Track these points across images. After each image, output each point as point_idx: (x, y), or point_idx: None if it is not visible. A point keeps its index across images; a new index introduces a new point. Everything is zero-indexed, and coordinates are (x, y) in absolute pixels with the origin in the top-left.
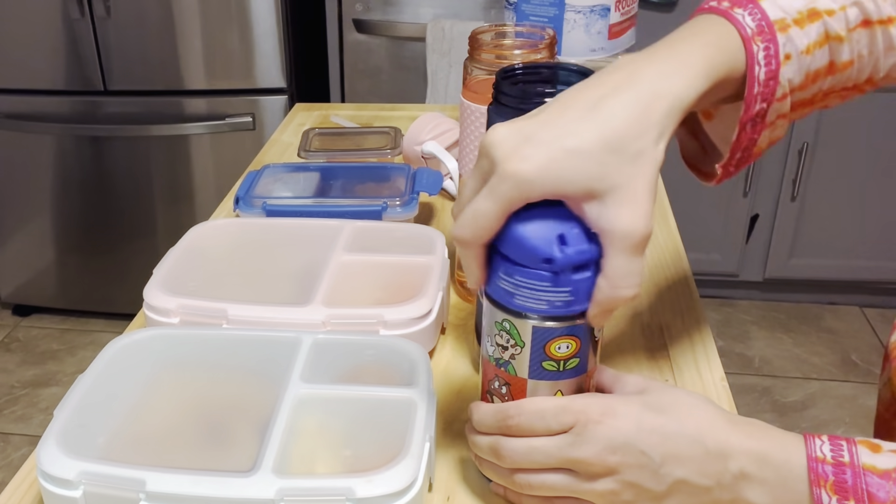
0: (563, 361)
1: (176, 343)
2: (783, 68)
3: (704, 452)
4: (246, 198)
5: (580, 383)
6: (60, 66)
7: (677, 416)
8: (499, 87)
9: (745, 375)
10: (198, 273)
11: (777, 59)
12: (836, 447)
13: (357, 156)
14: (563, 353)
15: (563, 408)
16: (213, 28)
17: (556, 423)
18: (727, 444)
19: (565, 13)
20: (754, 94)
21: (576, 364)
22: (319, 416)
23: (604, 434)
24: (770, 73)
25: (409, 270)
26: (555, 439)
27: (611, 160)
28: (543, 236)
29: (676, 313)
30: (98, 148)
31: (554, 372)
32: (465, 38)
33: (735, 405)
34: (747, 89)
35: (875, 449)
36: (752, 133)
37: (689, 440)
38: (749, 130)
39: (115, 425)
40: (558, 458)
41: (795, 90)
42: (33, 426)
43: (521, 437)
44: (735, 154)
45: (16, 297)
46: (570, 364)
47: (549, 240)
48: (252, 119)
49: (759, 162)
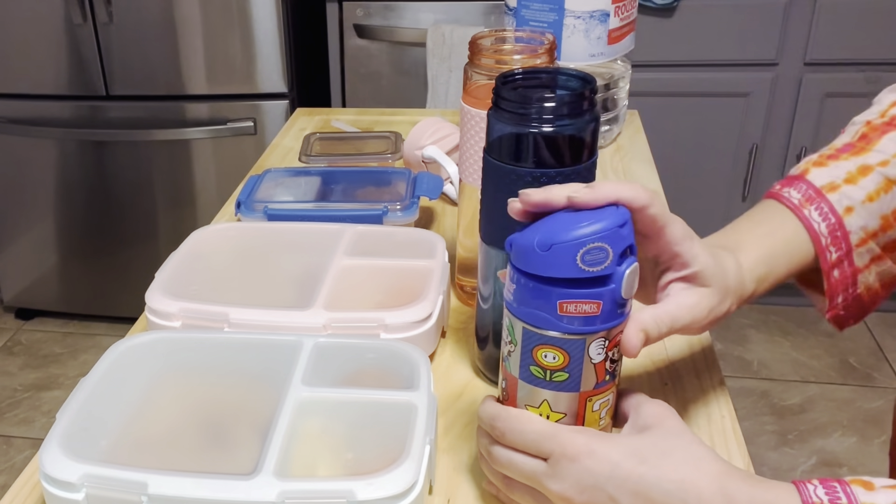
0: (549, 371)
1: (178, 346)
2: (847, 218)
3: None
4: (247, 202)
5: (570, 400)
6: (63, 71)
7: (663, 467)
8: (499, 92)
9: (743, 378)
10: (199, 277)
11: (835, 213)
12: (830, 490)
13: (358, 160)
14: (549, 363)
15: (546, 435)
16: (215, 33)
17: (535, 447)
18: (710, 500)
19: (565, 18)
20: (823, 247)
21: (564, 378)
22: (320, 419)
23: (576, 473)
24: (831, 225)
25: (409, 274)
26: (531, 462)
27: None
28: (536, 242)
29: None
30: (100, 152)
31: (540, 379)
32: (466, 43)
33: (734, 408)
34: (814, 244)
35: (868, 487)
36: (842, 278)
37: (664, 492)
38: (838, 276)
39: (117, 428)
40: (531, 480)
41: (878, 233)
42: (36, 429)
43: (504, 445)
44: (834, 298)
45: (19, 300)
46: (556, 376)
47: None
48: (253, 123)
49: (758, 166)
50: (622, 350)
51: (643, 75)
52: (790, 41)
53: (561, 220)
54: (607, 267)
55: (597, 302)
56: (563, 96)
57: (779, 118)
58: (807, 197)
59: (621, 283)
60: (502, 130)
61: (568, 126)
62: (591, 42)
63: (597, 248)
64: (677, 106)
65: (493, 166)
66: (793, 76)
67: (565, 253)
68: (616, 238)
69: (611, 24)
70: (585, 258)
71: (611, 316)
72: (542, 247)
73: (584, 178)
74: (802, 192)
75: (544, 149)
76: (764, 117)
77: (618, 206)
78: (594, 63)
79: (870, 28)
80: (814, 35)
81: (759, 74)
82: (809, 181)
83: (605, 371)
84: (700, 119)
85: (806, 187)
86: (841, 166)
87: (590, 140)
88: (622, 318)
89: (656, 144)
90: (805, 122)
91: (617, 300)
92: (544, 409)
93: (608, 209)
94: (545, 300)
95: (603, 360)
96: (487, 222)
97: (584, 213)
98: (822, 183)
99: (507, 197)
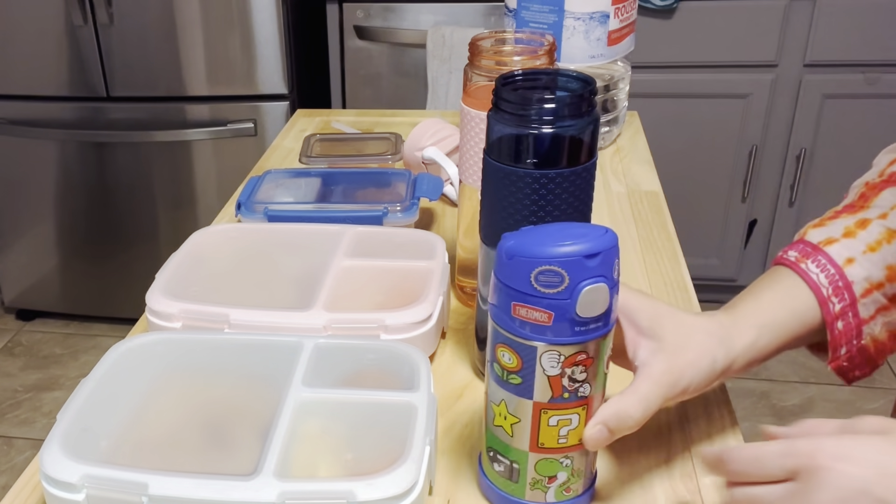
0: (506, 372)
1: (178, 347)
2: (848, 269)
3: None
4: (248, 203)
5: (524, 406)
6: (64, 73)
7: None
8: (499, 93)
9: (743, 380)
10: (200, 278)
11: (835, 265)
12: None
13: (358, 161)
14: (505, 363)
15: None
16: (215, 34)
17: (777, 468)
18: None
19: (565, 20)
20: (825, 297)
21: (518, 382)
22: (321, 419)
23: (835, 481)
24: (831, 276)
25: (409, 275)
26: (777, 489)
27: None
28: (505, 248)
29: None
30: (101, 154)
31: (500, 378)
32: (466, 44)
33: (733, 409)
34: (815, 295)
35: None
36: (846, 329)
37: None
38: (843, 328)
39: (117, 429)
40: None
41: (883, 284)
42: (36, 430)
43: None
44: (837, 350)
45: (19, 301)
46: (512, 378)
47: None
48: (254, 125)
49: (758, 168)
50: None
51: (643, 76)
52: (790, 42)
53: (544, 234)
54: (562, 291)
55: (548, 312)
56: (563, 98)
57: (778, 119)
58: (804, 253)
59: (576, 300)
60: (502, 131)
61: (568, 127)
62: (591, 43)
63: (551, 272)
64: (677, 107)
65: (493, 167)
66: (792, 77)
67: (523, 267)
68: (576, 266)
69: (610, 26)
70: (539, 278)
71: (564, 331)
72: (508, 254)
73: (584, 179)
74: (800, 251)
75: (544, 150)
76: (763, 118)
77: (607, 231)
78: (594, 64)
79: (869, 29)
80: (813, 36)
81: (758, 76)
82: (807, 240)
83: (563, 388)
84: (700, 120)
85: (803, 245)
86: (838, 223)
87: (589, 141)
88: (581, 339)
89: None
90: (805, 123)
91: (571, 316)
92: (503, 409)
93: (600, 233)
94: (504, 300)
95: (559, 376)
96: (488, 223)
97: (574, 231)
98: (820, 239)
99: (507, 198)
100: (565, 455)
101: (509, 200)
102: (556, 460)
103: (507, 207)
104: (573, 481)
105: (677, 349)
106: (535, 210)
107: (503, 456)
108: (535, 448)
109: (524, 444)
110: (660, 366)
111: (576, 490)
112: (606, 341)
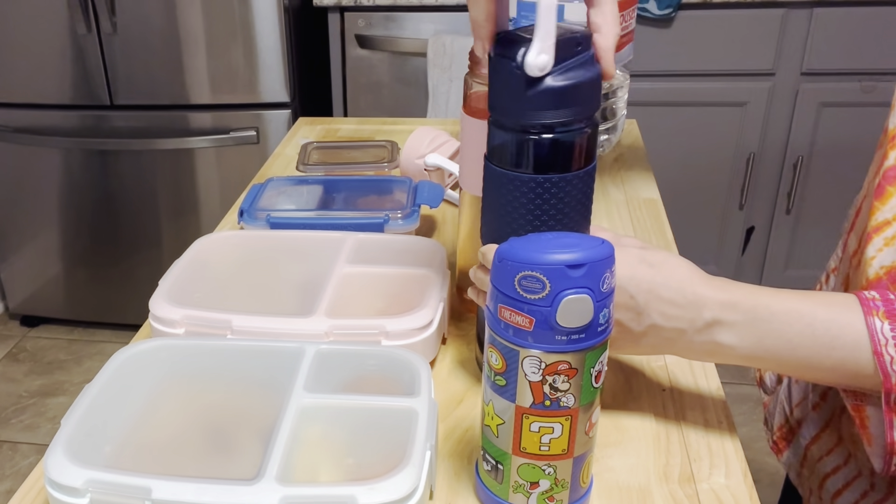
0: (493, 372)
1: (181, 353)
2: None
3: (683, 302)
4: (250, 210)
5: (508, 409)
6: (67, 81)
7: (664, 271)
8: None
9: (741, 385)
10: (203, 284)
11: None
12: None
13: (354, 169)
14: (493, 364)
15: None
16: (218, 43)
17: None
18: (703, 296)
19: None
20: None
21: (503, 384)
22: (322, 425)
23: None
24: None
25: (410, 282)
26: None
27: None
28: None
29: None
30: (104, 161)
31: (489, 378)
32: (466, 53)
33: (731, 414)
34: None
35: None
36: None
37: (671, 291)
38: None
39: (121, 434)
40: None
41: None
42: (41, 435)
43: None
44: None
45: (24, 307)
46: (498, 380)
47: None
48: (256, 133)
49: (755, 175)
50: None
51: (642, 85)
52: (787, 51)
53: (540, 241)
54: (543, 298)
55: (529, 317)
56: None
57: (776, 127)
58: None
59: (556, 308)
60: (503, 137)
61: (567, 133)
62: None
63: (533, 278)
64: (675, 115)
65: (494, 173)
66: (790, 86)
67: (508, 271)
68: (558, 275)
69: None
70: (522, 283)
71: (545, 339)
72: (499, 257)
73: (584, 184)
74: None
75: (544, 155)
76: (761, 126)
77: (603, 243)
78: None
79: (866, 38)
80: (810, 45)
81: (756, 84)
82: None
83: (545, 395)
84: (698, 128)
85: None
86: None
87: (588, 147)
88: (562, 348)
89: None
90: (802, 131)
91: (551, 324)
92: (491, 409)
93: (594, 245)
94: (493, 302)
95: (540, 382)
96: (489, 228)
97: (569, 240)
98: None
99: (508, 203)
100: (548, 463)
101: (513, 206)
102: (538, 467)
103: (508, 213)
104: (557, 491)
105: None
106: (539, 214)
107: (490, 455)
108: (517, 451)
109: (507, 447)
110: None
111: (560, 500)
112: (593, 354)
